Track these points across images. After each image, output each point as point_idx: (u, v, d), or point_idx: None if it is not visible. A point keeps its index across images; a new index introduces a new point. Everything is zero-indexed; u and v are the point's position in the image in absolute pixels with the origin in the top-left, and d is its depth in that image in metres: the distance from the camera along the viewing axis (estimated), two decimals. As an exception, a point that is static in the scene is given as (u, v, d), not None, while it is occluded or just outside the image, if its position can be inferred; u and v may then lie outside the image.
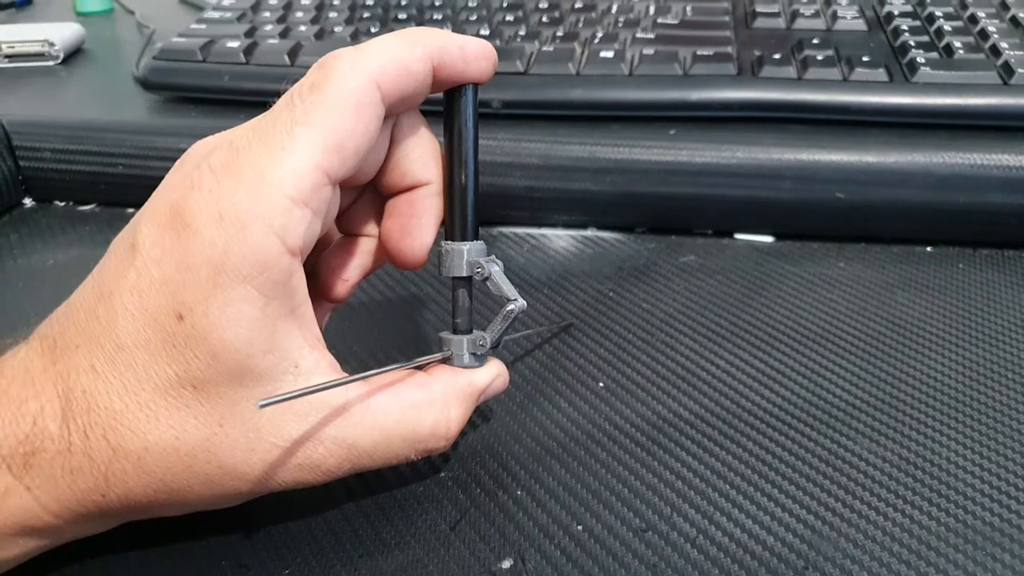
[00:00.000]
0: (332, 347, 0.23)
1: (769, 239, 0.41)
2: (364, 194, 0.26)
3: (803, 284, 0.37)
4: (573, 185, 0.40)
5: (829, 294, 0.36)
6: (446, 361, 0.26)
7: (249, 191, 0.21)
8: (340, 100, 0.22)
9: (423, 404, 0.24)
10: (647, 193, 0.40)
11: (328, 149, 0.21)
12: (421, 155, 0.25)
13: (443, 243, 0.25)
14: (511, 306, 0.25)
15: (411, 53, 0.23)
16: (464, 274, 0.25)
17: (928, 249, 0.39)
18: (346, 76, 0.22)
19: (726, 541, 0.24)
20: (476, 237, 0.26)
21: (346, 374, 0.23)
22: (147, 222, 0.21)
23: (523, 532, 0.25)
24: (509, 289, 0.25)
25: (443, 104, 0.25)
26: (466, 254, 0.25)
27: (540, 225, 0.42)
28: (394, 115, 0.24)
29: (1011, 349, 0.32)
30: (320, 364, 0.22)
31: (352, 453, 0.23)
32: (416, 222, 0.25)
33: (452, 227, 0.25)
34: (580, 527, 0.25)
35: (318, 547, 0.24)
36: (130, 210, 0.44)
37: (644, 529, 0.25)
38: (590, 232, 0.42)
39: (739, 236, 0.41)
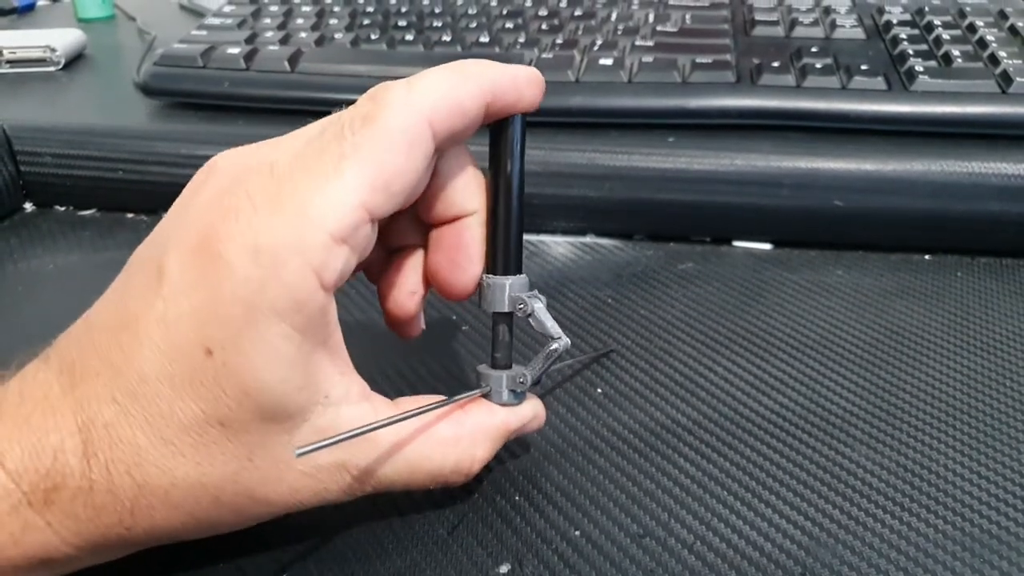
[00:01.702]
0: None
1: (767, 246, 0.41)
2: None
3: (801, 292, 0.37)
4: (572, 192, 0.40)
5: (827, 302, 0.36)
6: (484, 396, 0.25)
7: (289, 225, 0.20)
8: (392, 137, 0.21)
9: (451, 441, 0.24)
10: (646, 200, 0.40)
11: (375, 188, 0.21)
12: (466, 185, 0.24)
13: (485, 276, 0.25)
14: (555, 345, 0.24)
15: (465, 90, 0.22)
16: (506, 310, 0.25)
17: (926, 257, 0.40)
18: (399, 113, 0.21)
19: (724, 547, 0.24)
20: (519, 270, 0.25)
21: (377, 396, 0.23)
22: (176, 246, 0.21)
23: (521, 537, 0.25)
24: (553, 327, 0.25)
25: (489, 134, 0.24)
26: (508, 289, 0.25)
27: (539, 232, 0.42)
28: (442, 151, 0.23)
29: (1009, 357, 0.32)
30: (351, 392, 0.22)
31: (376, 481, 0.23)
32: (464, 254, 0.24)
33: (495, 260, 0.25)
34: (578, 533, 0.25)
35: (315, 551, 0.24)
36: (130, 215, 0.45)
37: (642, 535, 0.25)
38: (589, 239, 0.42)
39: (737, 243, 0.41)
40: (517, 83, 0.23)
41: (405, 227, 0.26)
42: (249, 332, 0.20)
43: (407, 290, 0.25)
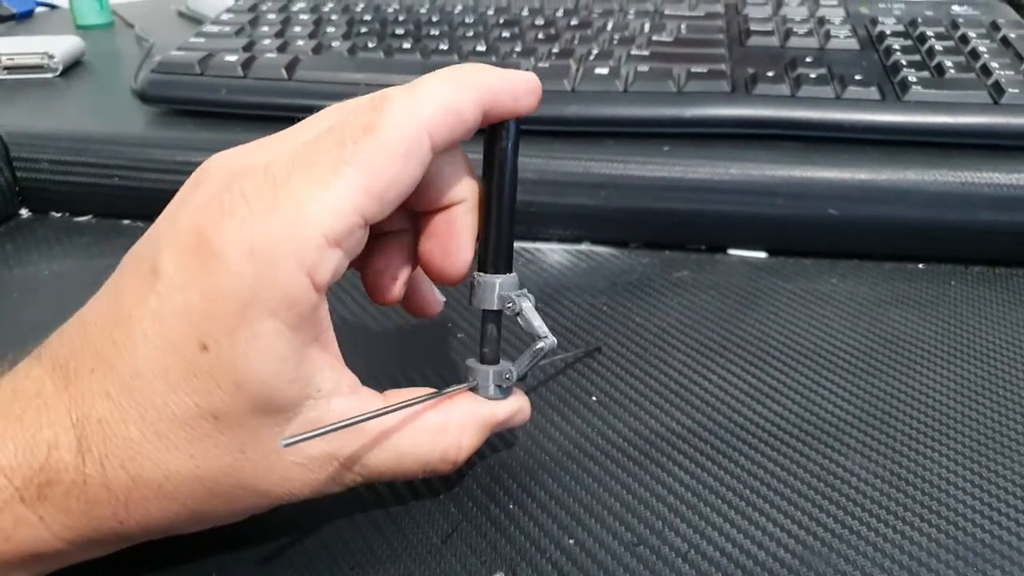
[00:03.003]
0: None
1: (762, 255, 0.41)
2: None
3: (796, 300, 0.37)
4: (568, 200, 0.40)
5: (822, 310, 0.36)
6: (471, 390, 0.26)
7: (284, 225, 0.20)
8: (392, 148, 0.21)
9: (438, 429, 0.24)
10: (641, 208, 0.40)
11: (371, 194, 0.21)
12: (457, 176, 0.25)
13: (475, 274, 0.25)
14: (541, 344, 0.25)
15: (464, 98, 0.23)
16: (495, 307, 0.25)
17: (920, 266, 0.40)
18: (399, 123, 0.21)
19: (717, 556, 0.24)
20: (509, 269, 0.25)
21: (365, 390, 0.23)
22: (170, 244, 0.21)
23: (515, 546, 0.25)
24: (540, 326, 0.25)
25: (485, 137, 0.25)
26: (498, 287, 0.25)
27: (535, 239, 0.42)
28: (438, 154, 0.23)
29: (1002, 366, 0.32)
30: (341, 385, 0.23)
31: (366, 470, 0.23)
32: (456, 241, 0.25)
33: (485, 259, 0.25)
34: (572, 541, 0.25)
35: (309, 560, 0.24)
36: (126, 221, 0.45)
37: (635, 543, 0.25)
38: (584, 246, 0.42)
39: (732, 252, 0.41)
40: (514, 90, 0.24)
41: (392, 215, 0.26)
42: (243, 328, 0.20)
43: (389, 275, 0.26)
